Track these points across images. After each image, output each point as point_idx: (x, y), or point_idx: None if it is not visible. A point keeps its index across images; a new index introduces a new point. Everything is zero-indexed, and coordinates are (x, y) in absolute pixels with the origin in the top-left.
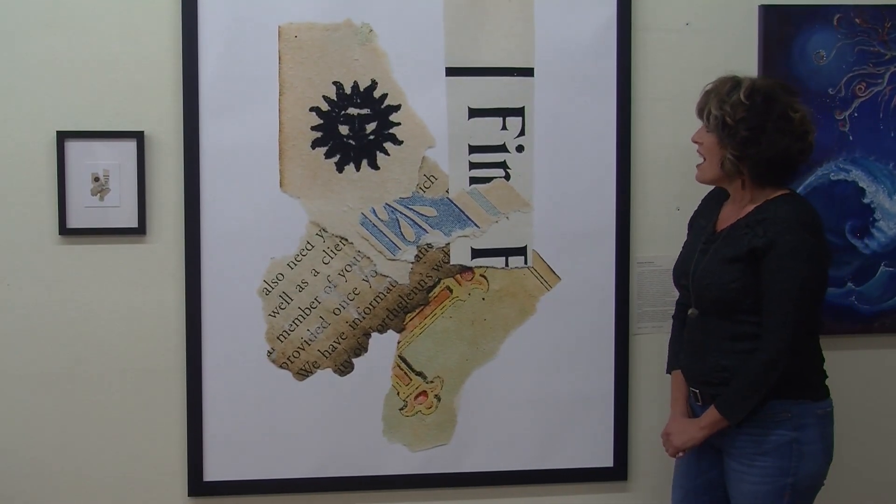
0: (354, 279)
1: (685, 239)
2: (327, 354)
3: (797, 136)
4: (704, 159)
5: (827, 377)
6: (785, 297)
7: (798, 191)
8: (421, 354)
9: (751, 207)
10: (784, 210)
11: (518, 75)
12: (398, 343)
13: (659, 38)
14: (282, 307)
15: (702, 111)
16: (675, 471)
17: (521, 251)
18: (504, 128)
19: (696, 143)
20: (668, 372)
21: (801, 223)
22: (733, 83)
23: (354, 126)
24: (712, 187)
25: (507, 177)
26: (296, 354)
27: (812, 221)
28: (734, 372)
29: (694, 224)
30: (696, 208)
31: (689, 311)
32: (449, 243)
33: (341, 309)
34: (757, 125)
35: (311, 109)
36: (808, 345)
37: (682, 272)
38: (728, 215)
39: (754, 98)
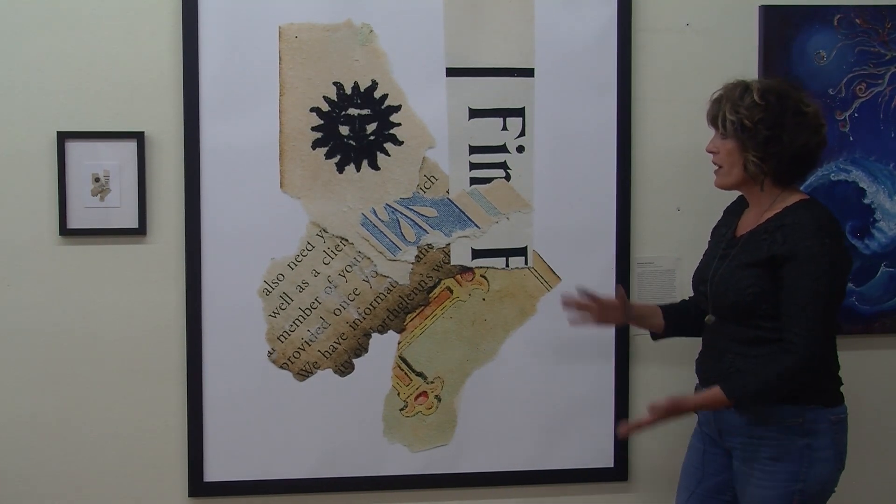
0: (355, 280)
1: (685, 239)
2: (328, 355)
3: (813, 130)
4: (721, 167)
5: (842, 384)
6: (810, 305)
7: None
8: (421, 355)
9: (770, 214)
10: (804, 216)
11: (518, 75)
12: (398, 343)
13: (659, 39)
14: (282, 307)
15: (715, 119)
16: (682, 473)
17: (522, 251)
18: (504, 128)
19: (711, 152)
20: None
21: (821, 229)
22: (743, 87)
23: (355, 126)
24: (728, 197)
25: (508, 177)
26: (296, 355)
27: (832, 227)
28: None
29: (715, 232)
30: (712, 216)
31: (707, 318)
32: (449, 244)
33: (342, 309)
34: (776, 123)
35: (312, 110)
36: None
37: (701, 278)
38: (748, 222)
39: (768, 98)
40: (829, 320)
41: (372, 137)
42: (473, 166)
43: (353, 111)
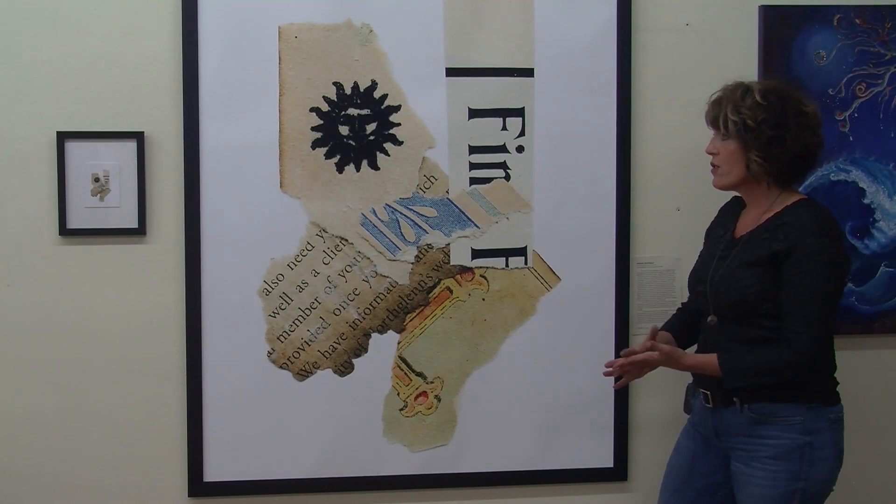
0: (354, 280)
1: (685, 239)
2: (327, 355)
3: (813, 130)
4: (720, 167)
5: (838, 384)
6: (809, 302)
7: (798, 190)
8: (421, 355)
9: (770, 214)
10: (805, 215)
11: (518, 75)
12: (398, 343)
13: (659, 39)
14: (282, 307)
15: (716, 120)
16: (668, 470)
17: (521, 251)
18: (504, 128)
19: (711, 153)
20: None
21: (822, 228)
22: (743, 88)
23: (354, 126)
24: (727, 198)
25: (507, 177)
26: (296, 355)
27: (832, 227)
28: None
29: (711, 233)
30: (712, 216)
31: (709, 319)
32: (449, 244)
33: (341, 309)
34: (779, 124)
35: (312, 110)
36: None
37: (699, 278)
38: (747, 222)
39: (769, 98)
40: (828, 318)
41: (372, 137)
42: (473, 166)
43: (352, 111)
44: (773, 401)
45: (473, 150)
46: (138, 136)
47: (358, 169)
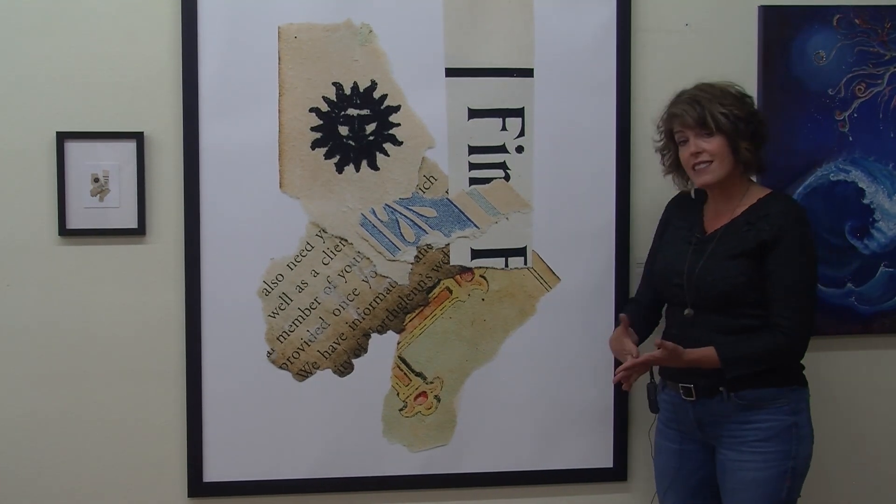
0: (354, 280)
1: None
2: (327, 355)
3: None
4: (709, 163)
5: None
6: (799, 290)
7: (798, 191)
8: (421, 355)
9: (744, 206)
10: (783, 206)
11: (518, 76)
12: (398, 344)
13: (659, 39)
14: (281, 308)
15: (701, 119)
16: (658, 477)
17: (521, 252)
18: (504, 128)
19: (696, 153)
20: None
21: (800, 219)
22: (718, 88)
23: (354, 127)
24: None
25: (507, 177)
26: (295, 355)
27: (807, 218)
28: None
29: (668, 229)
30: (662, 216)
31: (686, 312)
32: (449, 244)
33: (341, 309)
34: (759, 113)
35: (311, 110)
36: None
37: (675, 272)
38: (718, 216)
39: (743, 93)
40: (813, 304)
41: (371, 138)
42: (473, 166)
43: (352, 111)
44: (758, 386)
45: (473, 150)
46: (138, 137)
47: (357, 169)
